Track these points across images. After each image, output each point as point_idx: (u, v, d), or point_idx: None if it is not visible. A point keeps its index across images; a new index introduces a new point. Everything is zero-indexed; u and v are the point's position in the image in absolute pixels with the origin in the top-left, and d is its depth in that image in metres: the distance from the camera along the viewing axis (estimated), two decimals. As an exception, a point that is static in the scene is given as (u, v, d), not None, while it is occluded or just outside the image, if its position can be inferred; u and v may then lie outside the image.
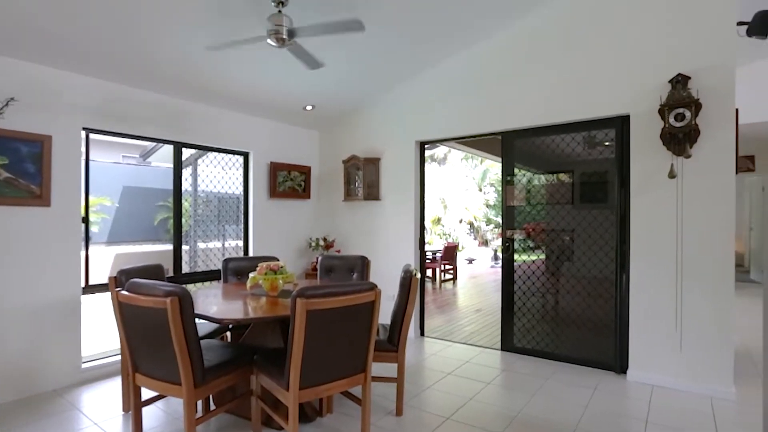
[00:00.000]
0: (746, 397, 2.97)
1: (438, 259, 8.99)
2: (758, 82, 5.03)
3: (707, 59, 3.04)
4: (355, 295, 2.15)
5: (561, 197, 3.98)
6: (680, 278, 3.14)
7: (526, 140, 4.09)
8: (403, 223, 4.70)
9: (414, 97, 4.64)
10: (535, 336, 3.99)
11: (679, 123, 3.04)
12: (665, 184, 3.18)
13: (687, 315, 3.11)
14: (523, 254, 4.17)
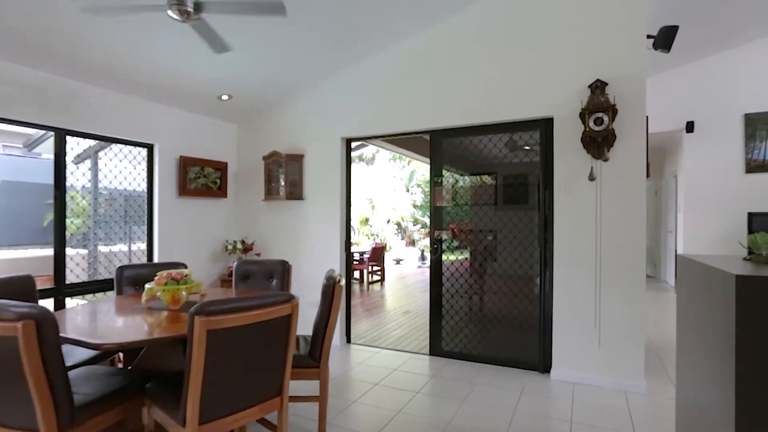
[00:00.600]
0: (655, 389, 3.13)
1: (366, 260, 8.82)
2: (648, 95, 5.49)
3: (622, 67, 3.16)
4: (268, 308, 1.86)
5: (487, 198, 3.98)
6: (599, 276, 3.24)
7: (454, 140, 4.04)
8: (329, 224, 4.44)
9: (340, 93, 4.40)
10: (462, 339, 3.95)
11: (598, 127, 3.13)
12: (586, 186, 3.27)
13: (605, 312, 3.21)
14: (449, 254, 4.12)
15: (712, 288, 1.55)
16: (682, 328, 2.10)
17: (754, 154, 6.45)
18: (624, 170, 3.16)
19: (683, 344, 2.08)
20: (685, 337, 2.04)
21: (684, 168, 6.91)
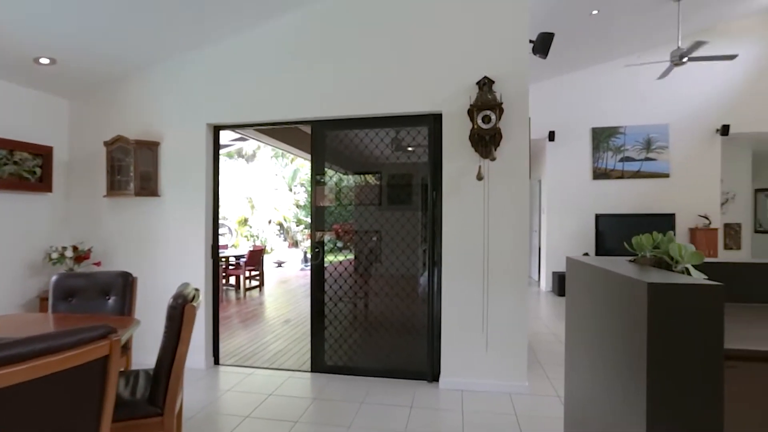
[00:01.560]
0: (535, 388, 3.17)
1: (242, 264, 8.01)
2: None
3: (507, 66, 3.14)
4: (71, 352, 1.26)
5: (372, 198, 3.71)
6: (486, 278, 3.17)
7: (339, 134, 3.68)
8: (191, 225, 3.73)
9: (207, 72, 3.73)
10: (347, 350, 3.61)
11: (486, 125, 3.05)
12: (474, 186, 3.18)
13: (492, 314, 3.16)
14: (334, 255, 3.75)
15: (615, 293, 1.42)
16: (573, 330, 2.03)
17: (599, 163, 7.35)
18: (510, 170, 3.14)
19: (573, 346, 2.02)
20: (576, 339, 1.97)
21: (547, 173, 7.60)
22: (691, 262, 1.58)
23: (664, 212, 7.08)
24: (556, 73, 7.28)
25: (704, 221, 7.03)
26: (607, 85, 7.34)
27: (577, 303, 1.92)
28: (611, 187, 7.31)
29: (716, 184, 7.07)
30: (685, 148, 7.10)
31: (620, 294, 1.39)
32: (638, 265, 1.74)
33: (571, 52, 6.52)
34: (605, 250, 6.97)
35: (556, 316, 5.59)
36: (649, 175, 7.20)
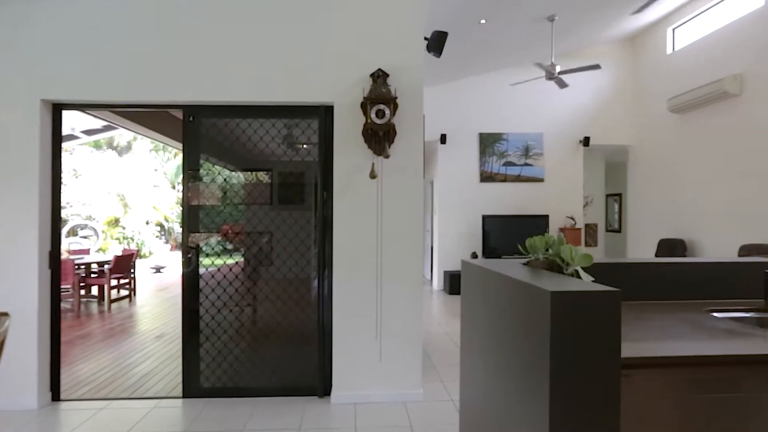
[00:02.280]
0: (429, 393, 3.09)
1: (107, 272, 6.88)
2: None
3: (402, 60, 3.02)
4: None
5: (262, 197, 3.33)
6: (380, 281, 3.01)
7: (219, 124, 3.23)
8: (17, 227, 2.95)
9: (46, 32, 2.99)
10: (227, 369, 3.17)
11: (380, 120, 2.89)
12: (367, 184, 2.99)
13: (386, 320, 3.01)
14: (219, 259, 3.28)
15: (515, 299, 1.32)
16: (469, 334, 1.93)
17: (485, 166, 7.79)
18: (404, 168, 3.02)
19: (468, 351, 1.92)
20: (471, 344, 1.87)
21: (439, 175, 7.84)
22: (581, 264, 1.56)
23: (539, 213, 7.75)
24: (450, 78, 7.54)
25: (571, 222, 7.86)
26: (494, 94, 7.81)
27: (473, 307, 1.83)
28: (496, 190, 7.79)
29: (580, 189, 7.95)
30: (556, 156, 7.86)
31: (521, 301, 1.28)
32: (532, 267, 1.69)
33: (463, 59, 6.78)
34: (491, 248, 7.40)
35: (448, 314, 5.73)
36: (527, 179, 7.82)
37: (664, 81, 7.02)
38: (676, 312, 1.66)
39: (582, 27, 6.57)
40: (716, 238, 6.03)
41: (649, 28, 7.36)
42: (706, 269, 1.88)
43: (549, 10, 5.62)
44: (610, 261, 1.87)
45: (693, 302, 1.83)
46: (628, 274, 1.86)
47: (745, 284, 1.89)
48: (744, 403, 1.16)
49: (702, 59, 6.28)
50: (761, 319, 1.70)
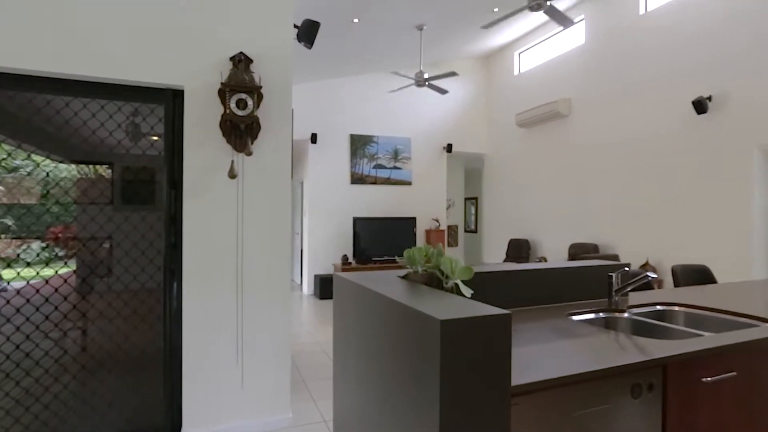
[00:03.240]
0: (301, 417, 2.82)
1: None
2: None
3: (270, 46, 2.69)
4: None
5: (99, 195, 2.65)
6: (241, 293, 2.62)
7: (35, 102, 2.46)
8: None
9: None
10: (40, 413, 2.43)
11: (241, 111, 2.51)
12: (226, 184, 2.58)
13: (249, 338, 2.63)
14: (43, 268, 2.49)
15: (399, 323, 1.15)
16: (344, 354, 1.73)
17: (356, 168, 7.77)
18: (270, 168, 2.69)
19: (343, 372, 1.71)
20: (347, 364, 1.66)
21: (309, 175, 7.55)
22: (461, 277, 1.47)
23: (408, 216, 8.02)
24: (323, 76, 7.31)
25: (435, 224, 8.32)
26: (366, 96, 7.83)
27: (348, 326, 1.63)
28: (367, 192, 7.82)
29: (443, 193, 8.47)
30: (423, 161, 8.24)
31: (406, 326, 1.11)
32: (411, 282, 1.56)
33: (337, 58, 6.61)
34: (362, 250, 7.39)
35: (319, 321, 5.49)
36: (396, 182, 8.03)
37: (513, 98, 7.88)
38: (542, 319, 1.70)
39: (446, 40, 6.96)
40: (553, 237, 6.95)
41: (500, 50, 8.18)
42: (564, 274, 2.00)
43: (418, 19, 5.80)
44: (480, 270, 1.85)
45: (556, 306, 1.92)
46: (496, 283, 1.86)
47: (596, 286, 2.06)
48: (614, 413, 1.17)
49: (542, 82, 7.19)
50: (607, 319, 1.84)
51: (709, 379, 1.29)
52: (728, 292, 2.30)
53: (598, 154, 6.13)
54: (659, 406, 1.23)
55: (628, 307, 1.92)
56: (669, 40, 5.17)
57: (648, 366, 1.18)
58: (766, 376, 1.46)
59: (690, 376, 1.28)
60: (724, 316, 1.81)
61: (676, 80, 5.09)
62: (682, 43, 5.03)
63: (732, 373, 1.34)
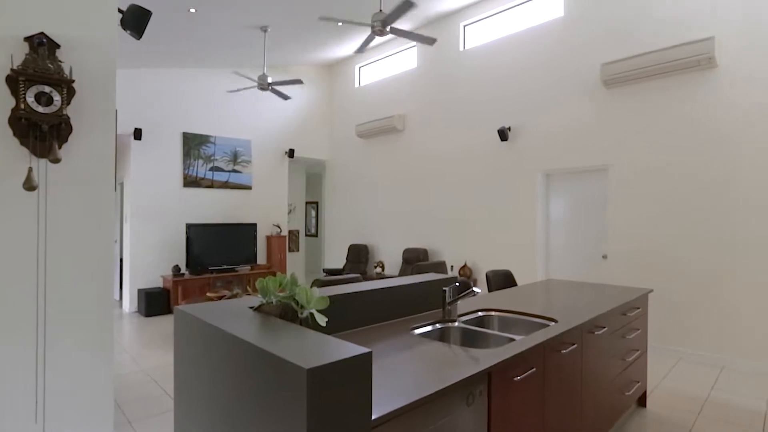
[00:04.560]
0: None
1: None
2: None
3: (86, 30, 2.25)
4: None
5: None
6: (43, 331, 2.13)
7: None
8: None
9: None
10: None
11: (44, 108, 2.04)
12: (20, 198, 2.06)
13: (53, 387, 2.15)
14: None
15: (257, 367, 1.10)
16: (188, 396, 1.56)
17: (190, 170, 7.07)
18: (85, 177, 2.25)
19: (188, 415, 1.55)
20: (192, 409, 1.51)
21: (131, 176, 6.55)
22: (317, 307, 1.49)
23: (248, 222, 7.64)
24: (151, 62, 6.41)
25: (277, 229, 8.14)
26: (202, 92, 7.17)
27: (194, 367, 1.48)
28: (202, 196, 7.18)
29: (285, 198, 8.34)
30: (264, 165, 7.97)
31: (265, 371, 1.07)
32: (264, 314, 1.50)
33: (170, 45, 5.89)
34: (196, 259, 6.74)
35: (145, 344, 4.80)
36: (236, 186, 7.58)
37: (353, 109, 8.25)
38: (389, 336, 1.83)
39: (291, 45, 6.88)
40: (389, 243, 7.50)
41: (343, 61, 8.47)
42: (406, 290, 2.19)
43: (261, 20, 5.59)
44: (331, 294, 1.90)
45: (401, 321, 2.09)
46: (346, 304, 1.93)
47: (433, 298, 2.31)
48: (453, 422, 1.34)
49: (380, 97, 7.71)
50: (442, 329, 2.09)
51: (518, 378, 1.59)
52: (525, 295, 2.85)
53: (428, 167, 6.87)
54: (485, 409, 1.46)
55: (458, 316, 2.22)
56: (482, 75, 6.12)
57: (479, 375, 1.39)
58: (553, 368, 1.87)
59: (506, 378, 1.55)
60: (526, 318, 2.24)
61: (486, 110, 6.07)
62: (491, 79, 6.02)
63: (533, 369, 1.68)
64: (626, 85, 4.72)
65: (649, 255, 4.54)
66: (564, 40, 5.26)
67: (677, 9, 4.40)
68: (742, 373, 3.85)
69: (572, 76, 5.18)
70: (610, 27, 4.86)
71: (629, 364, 2.74)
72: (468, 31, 6.46)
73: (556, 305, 2.47)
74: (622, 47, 4.75)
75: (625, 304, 2.61)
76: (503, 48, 5.89)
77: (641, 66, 4.46)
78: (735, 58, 4.07)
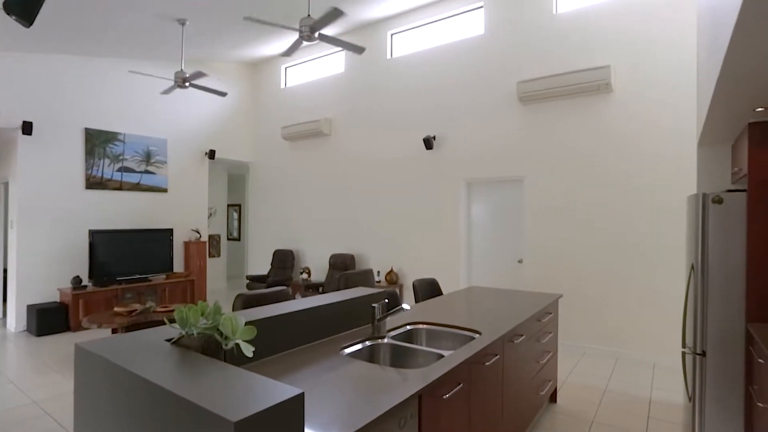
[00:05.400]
0: None
1: None
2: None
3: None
4: None
5: None
6: None
7: None
8: None
9: None
10: None
11: None
12: None
13: None
14: None
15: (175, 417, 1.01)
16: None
17: (94, 170, 6.40)
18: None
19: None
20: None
21: (19, 175, 5.76)
22: (243, 338, 1.41)
23: (162, 227, 7.09)
24: (45, 46, 5.67)
25: (196, 235, 7.65)
26: (108, 84, 6.51)
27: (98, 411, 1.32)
28: (109, 199, 6.53)
29: (205, 201, 7.87)
30: (181, 166, 7.45)
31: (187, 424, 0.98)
32: (184, 348, 1.39)
33: (68, 28, 5.25)
34: (102, 268, 6.10)
35: (37, 370, 4.23)
36: (149, 188, 6.99)
37: (279, 110, 8.01)
38: (319, 359, 1.80)
39: (211, 40, 6.50)
40: (316, 249, 7.39)
41: (267, 61, 8.19)
42: (334, 308, 2.16)
43: (179, 12, 5.21)
44: (257, 318, 1.82)
45: (331, 339, 2.06)
46: (274, 327, 1.87)
47: (362, 313, 2.30)
48: (383, 450, 1.35)
49: (307, 99, 7.57)
50: (372, 347, 2.10)
51: (447, 396, 1.64)
52: (451, 305, 2.96)
53: (355, 172, 6.88)
54: (416, 430, 1.48)
55: (388, 331, 2.24)
56: (409, 84, 6.27)
57: (411, 398, 1.41)
58: (478, 380, 1.96)
59: (435, 396, 1.59)
60: (452, 330, 2.32)
61: (413, 118, 6.22)
62: (418, 88, 6.18)
63: (460, 385, 1.74)
64: (540, 102, 5.11)
65: (559, 259, 4.96)
66: (485, 56, 5.56)
67: (583, 37, 4.85)
68: (633, 364, 4.35)
69: (492, 91, 5.49)
70: (526, 48, 5.24)
71: (543, 366, 2.96)
72: (396, 39, 6.58)
73: (480, 316, 2.60)
74: (537, 67, 5.14)
75: (540, 311, 2.82)
76: (429, 59, 6.07)
77: (552, 86, 4.86)
78: (626, 83, 4.59)
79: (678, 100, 4.34)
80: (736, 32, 1.51)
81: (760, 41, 1.50)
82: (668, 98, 4.39)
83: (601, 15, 4.75)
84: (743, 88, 2.07)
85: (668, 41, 4.39)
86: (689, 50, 4.29)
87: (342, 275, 4.07)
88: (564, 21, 4.98)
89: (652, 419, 3.14)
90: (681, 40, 4.33)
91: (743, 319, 2.51)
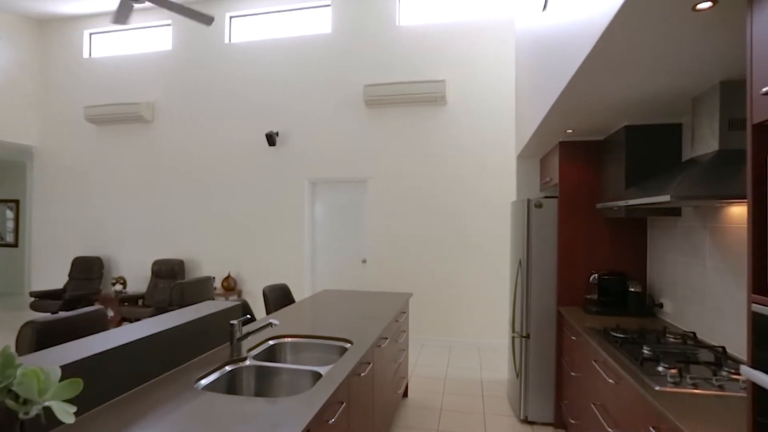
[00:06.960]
0: None
1: None
2: None
3: None
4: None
5: None
6: None
7: None
8: None
9: None
10: None
11: None
12: None
13: None
14: None
15: None
16: None
17: None
18: None
19: None
20: None
21: None
22: (61, 397, 0.98)
23: None
24: None
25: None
26: None
27: None
28: None
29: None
30: None
31: None
32: None
33: None
34: None
35: None
36: None
37: (82, 85, 6.48)
38: (167, 400, 1.41)
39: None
40: (133, 254, 6.22)
41: (64, 20, 6.55)
42: (184, 330, 1.76)
43: None
44: (82, 358, 1.34)
45: (182, 369, 1.65)
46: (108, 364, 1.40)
47: (217, 332, 1.93)
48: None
49: (121, 77, 6.31)
50: (232, 373, 1.77)
51: (332, 420, 1.47)
52: (310, 313, 2.77)
53: (184, 166, 6.03)
54: (303, 469, 1.27)
55: (248, 351, 1.93)
56: (250, 74, 5.78)
57: (295, 435, 1.20)
58: (356, 394, 1.84)
59: (321, 422, 1.41)
60: (321, 342, 2.15)
61: (254, 111, 5.76)
62: (260, 80, 5.75)
63: (343, 404, 1.59)
64: (384, 107, 5.30)
65: (400, 258, 5.23)
66: (332, 55, 5.51)
67: (422, 51, 5.22)
68: (463, 349, 4.87)
69: (338, 92, 5.47)
70: (372, 53, 5.37)
71: (399, 365, 3.03)
72: (235, 23, 6.00)
73: (345, 322, 2.49)
74: (382, 73, 5.31)
75: (398, 312, 2.86)
76: (273, 50, 5.72)
77: (396, 93, 5.10)
78: (458, 97, 5.13)
79: (501, 116, 5.03)
80: (577, 76, 1.74)
81: (600, 80, 1.75)
82: (492, 114, 5.05)
83: (437, 31, 5.19)
84: (570, 117, 2.45)
85: (491, 60, 5.05)
86: (510, 69, 5.01)
87: (176, 285, 3.46)
88: (406, 33, 5.27)
89: (486, 397, 3.54)
90: (504, 58, 5.01)
91: (555, 303, 3.01)
